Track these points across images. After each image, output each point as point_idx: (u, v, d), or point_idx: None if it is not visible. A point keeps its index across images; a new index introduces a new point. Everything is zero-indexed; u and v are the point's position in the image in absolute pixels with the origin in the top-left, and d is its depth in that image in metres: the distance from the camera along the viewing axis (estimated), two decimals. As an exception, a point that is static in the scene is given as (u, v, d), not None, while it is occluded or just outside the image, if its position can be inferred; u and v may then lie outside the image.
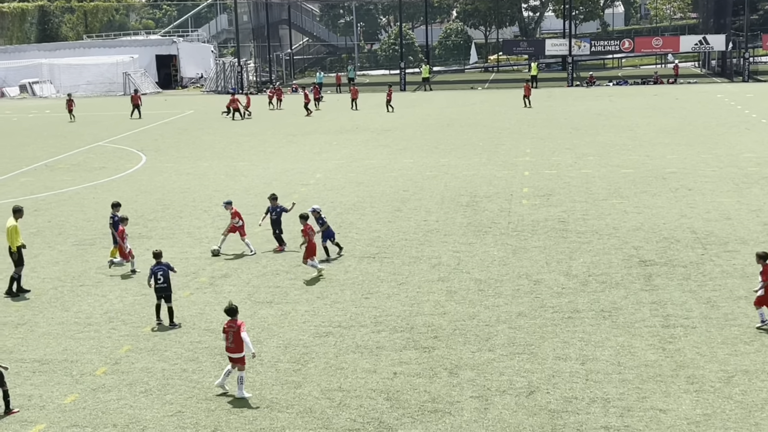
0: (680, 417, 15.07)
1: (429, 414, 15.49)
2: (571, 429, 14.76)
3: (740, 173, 35.26)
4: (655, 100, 63.48)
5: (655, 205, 30.45)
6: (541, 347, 18.36)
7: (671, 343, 18.29)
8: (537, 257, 24.79)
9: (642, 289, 21.80)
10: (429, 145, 46.03)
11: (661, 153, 40.71)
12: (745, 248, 24.71)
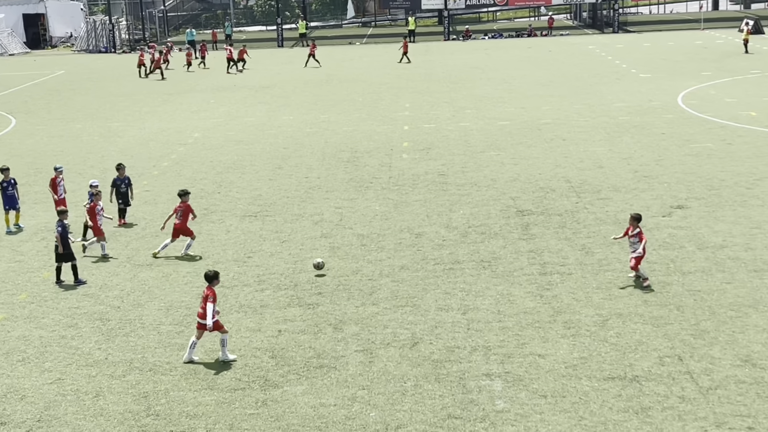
0: (558, 361, 15.49)
1: (314, 369, 15.54)
2: (454, 377, 15.03)
3: (611, 122, 36.16)
4: (530, 53, 64.42)
5: (530, 156, 31.01)
6: (424, 299, 18.59)
7: (548, 290, 18.74)
8: (418, 211, 25.01)
9: (520, 238, 22.23)
10: (308, 101, 45.81)
11: (535, 105, 41.40)
12: (617, 195, 25.43)
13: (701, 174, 27.40)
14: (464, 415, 13.79)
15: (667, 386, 14.41)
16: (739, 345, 15.78)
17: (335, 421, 13.81)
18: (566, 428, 13.29)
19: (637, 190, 25.99)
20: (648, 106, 39.47)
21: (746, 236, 21.53)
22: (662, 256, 20.44)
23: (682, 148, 31.00)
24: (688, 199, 24.78)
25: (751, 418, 13.31)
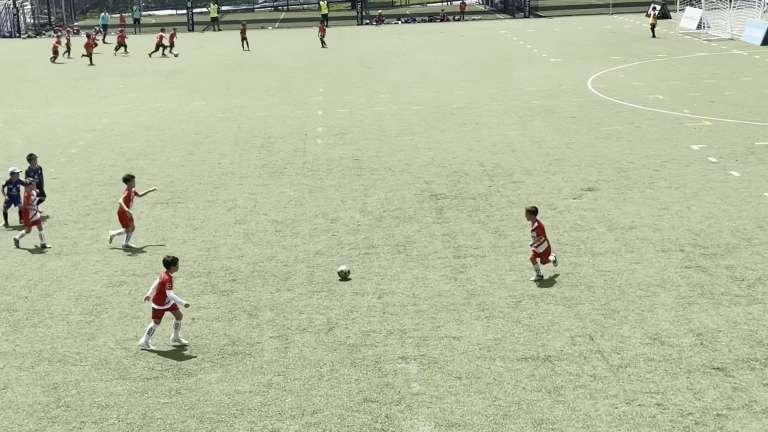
0: (473, 343, 15.65)
1: (229, 357, 15.45)
2: (370, 361, 15.08)
3: (523, 106, 36.58)
4: (442, 38, 64.70)
5: (444, 140, 31.21)
6: (339, 284, 18.60)
7: (463, 273, 18.91)
8: (333, 196, 24.99)
9: (434, 222, 22.38)
10: (220, 86, 45.37)
11: (448, 89, 41.65)
12: (529, 178, 25.75)
13: (610, 157, 27.89)
14: (380, 399, 13.85)
15: (579, 365, 14.67)
16: (648, 323, 16.14)
17: (251, 407, 13.74)
18: (481, 409, 13.44)
19: (549, 173, 26.35)
20: (558, 90, 40.02)
21: (654, 217, 22.00)
22: (573, 238, 20.78)
23: (591, 132, 31.51)
24: (598, 182, 25.21)
25: (659, 395, 13.62)
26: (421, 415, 13.33)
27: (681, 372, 14.30)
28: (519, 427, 12.92)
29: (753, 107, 34.26)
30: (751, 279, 17.92)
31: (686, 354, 14.91)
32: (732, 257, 19.15)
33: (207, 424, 13.34)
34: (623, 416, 13.06)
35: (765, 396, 13.43)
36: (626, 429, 12.74)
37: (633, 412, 13.17)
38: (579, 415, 13.16)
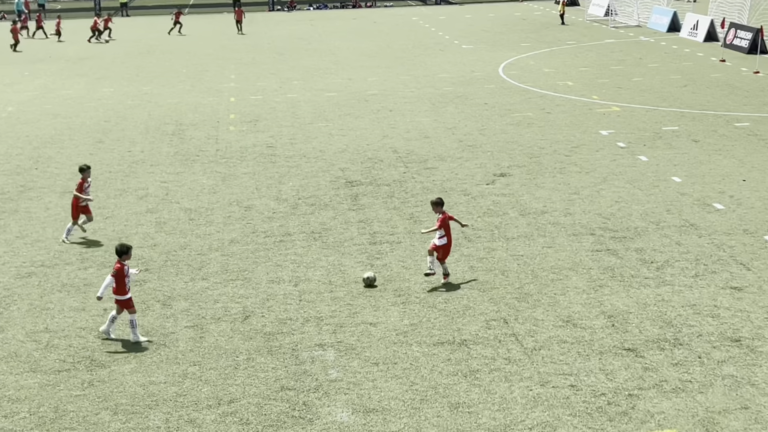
0: (389, 328, 15.72)
1: (143, 348, 15.25)
2: (287, 349, 15.04)
3: (436, 93, 36.78)
4: (355, 24, 64.66)
5: (358, 126, 31.23)
6: (255, 272, 18.50)
7: (379, 259, 18.96)
8: (247, 183, 24.82)
9: (349, 209, 22.38)
10: (129, 73, 44.63)
11: (362, 76, 41.66)
12: (443, 164, 25.92)
13: (522, 142, 28.22)
14: (298, 386, 13.84)
15: (494, 349, 14.85)
16: (561, 306, 16.41)
17: (166, 398, 13.60)
18: (398, 394, 13.53)
19: (462, 159, 26.56)
20: (471, 77, 40.32)
21: (565, 202, 22.35)
22: (487, 223, 20.99)
23: (503, 118, 31.84)
24: (511, 167, 25.50)
25: (573, 376, 13.87)
26: (338, 402, 13.36)
27: (593, 353, 14.58)
28: (436, 411, 13.04)
29: (660, 93, 34.99)
30: (660, 261, 18.34)
31: (598, 336, 15.20)
32: (641, 240, 19.56)
33: (121, 415, 13.17)
34: (538, 398, 13.28)
35: (674, 375, 13.78)
36: (541, 410, 12.95)
37: (547, 393, 13.39)
38: (494, 397, 13.34)
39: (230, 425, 12.88)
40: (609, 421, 12.63)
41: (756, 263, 18.05)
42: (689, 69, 40.11)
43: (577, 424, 12.59)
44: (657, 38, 50.72)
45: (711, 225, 20.30)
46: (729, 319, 15.63)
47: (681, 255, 18.63)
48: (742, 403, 12.96)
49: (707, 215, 20.94)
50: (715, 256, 18.48)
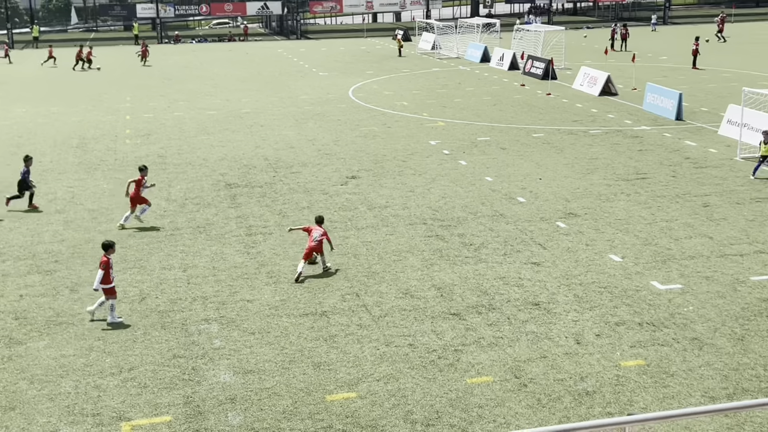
0: (263, 304, 15.56)
1: (54, 327, 14.64)
2: (178, 324, 14.70)
3: (299, 111, 36.55)
4: (230, 55, 63.47)
5: (235, 139, 30.74)
6: (149, 261, 18.00)
7: (254, 248, 18.73)
8: (141, 187, 24.08)
9: (229, 206, 22.03)
10: (40, 96, 42.61)
11: (237, 97, 41.01)
12: (305, 169, 25.78)
13: (369, 151, 28.36)
14: (187, 354, 13.55)
15: (348, 317, 14.90)
16: (401, 281, 16.58)
17: (75, 368, 13.10)
18: (271, 357, 13.41)
19: (321, 165, 26.50)
20: (326, 98, 40.23)
21: (403, 198, 22.58)
22: (342, 216, 21.01)
23: (353, 131, 31.91)
24: (360, 171, 25.59)
25: (411, 337, 14.05)
26: (221, 366, 13.14)
27: (426, 318, 14.79)
28: (302, 369, 12.98)
29: (475, 111, 35.75)
30: (477, 244, 18.75)
31: (430, 304, 15.43)
32: (462, 227, 19.95)
33: (37, 384, 12.62)
34: (383, 355, 13.38)
35: (489, 333, 14.12)
36: (386, 365, 13.06)
37: (391, 351, 13.52)
38: (349, 357, 13.37)
39: (131, 388, 12.50)
40: (439, 372, 12.84)
41: (550, 243, 18.66)
42: (497, 92, 41.11)
43: (414, 375, 12.75)
44: (472, 67, 51.79)
45: (516, 214, 20.87)
46: (530, 288, 16.12)
47: (493, 238, 19.09)
48: (542, 354, 13.39)
49: (513, 207, 21.52)
50: (519, 239, 19.02)
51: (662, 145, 28.08)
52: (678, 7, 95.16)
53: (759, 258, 17.36)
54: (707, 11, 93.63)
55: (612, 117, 33.29)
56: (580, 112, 34.53)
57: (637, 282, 16.24)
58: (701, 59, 47.68)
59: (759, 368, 12.72)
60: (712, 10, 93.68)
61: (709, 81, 42.16)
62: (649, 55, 54.05)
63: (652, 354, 13.25)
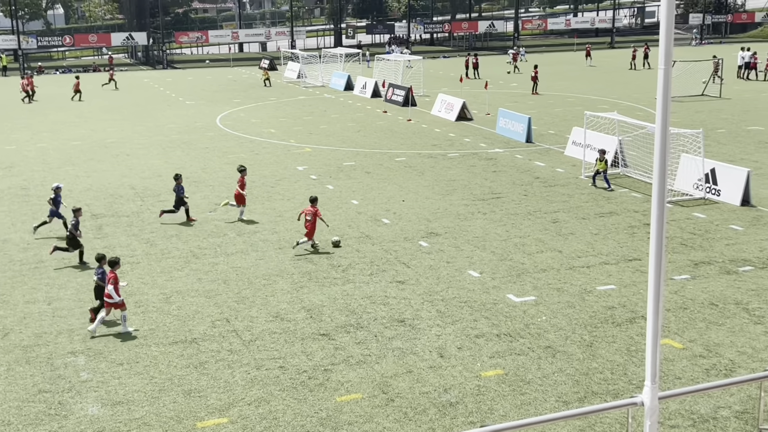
0: (131, 334, 15.01)
1: None
2: (43, 358, 13.98)
3: (166, 140, 35.73)
4: (95, 85, 61.45)
5: (101, 169, 29.70)
6: (12, 295, 17.07)
7: (121, 278, 18.03)
8: (4, 220, 22.89)
9: (95, 237, 21.21)
10: None
11: (102, 127, 39.68)
12: (173, 197, 25.08)
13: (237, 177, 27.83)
14: (53, 389, 12.89)
15: (219, 343, 14.58)
16: (271, 305, 16.39)
17: (-68, 411, 12.21)
18: (140, 387, 12.94)
19: (189, 191, 25.87)
20: (194, 127, 39.52)
21: (272, 223, 22.39)
22: (211, 243, 20.61)
23: (221, 159, 31.45)
24: (229, 197, 25.15)
25: (281, 359, 13.88)
26: (89, 398, 12.58)
27: (297, 340, 14.67)
28: (172, 398, 12.59)
29: (340, 137, 35.97)
30: (345, 265, 18.78)
31: (300, 326, 15.32)
32: (331, 250, 19.94)
33: None
34: (254, 379, 13.16)
35: (358, 351, 14.14)
36: (257, 389, 12.84)
37: (262, 375, 13.31)
38: (220, 382, 13.08)
39: (-7, 428, 11.77)
40: (310, 392, 12.74)
41: (414, 262, 18.92)
42: (361, 118, 41.53)
43: (285, 397, 12.60)
44: (337, 95, 52.16)
45: (381, 235, 21.06)
46: (396, 306, 16.27)
47: (360, 259, 19.18)
48: (407, 369, 13.51)
49: (378, 228, 21.71)
50: (384, 259, 19.19)
51: (514, 166, 29.07)
52: (525, 37, 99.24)
53: (604, 269, 18.19)
54: (552, 41, 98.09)
55: (468, 141, 34.23)
56: (439, 137, 35.33)
57: (494, 295, 16.68)
58: (541, 85, 49.79)
59: (606, 372, 13.27)
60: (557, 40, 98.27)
61: (555, 105, 44.08)
62: (500, 82, 56.03)
63: (509, 363, 13.61)
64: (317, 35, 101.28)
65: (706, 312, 15.64)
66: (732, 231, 20.79)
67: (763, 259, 18.64)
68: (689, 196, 24.16)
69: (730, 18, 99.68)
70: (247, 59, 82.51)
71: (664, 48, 5.87)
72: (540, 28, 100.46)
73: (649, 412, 6.29)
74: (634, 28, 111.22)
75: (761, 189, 24.62)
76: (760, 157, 29.42)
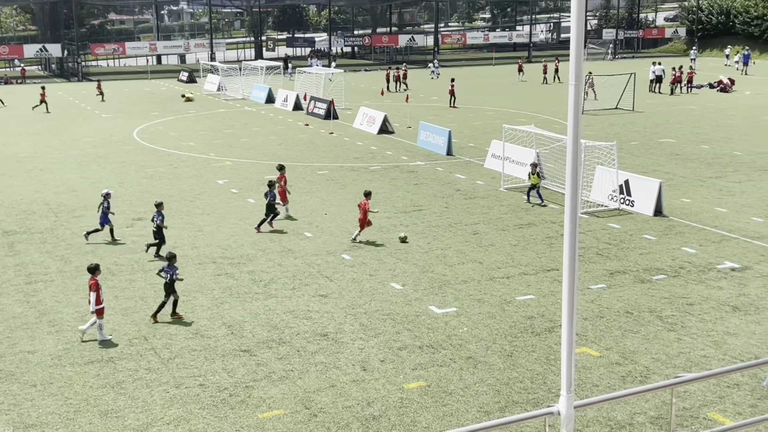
0: (45, 354, 14.57)
1: None
2: (-50, 383, 13.42)
3: (81, 154, 34.85)
4: (7, 98, 59.53)
5: (12, 184, 28.76)
6: None
7: (34, 296, 17.54)
8: None
9: (6, 255, 20.51)
10: None
11: (15, 142, 38.45)
12: (89, 212, 24.51)
13: (155, 192, 27.48)
14: (-40, 414, 12.38)
15: (136, 362, 14.26)
16: (191, 322, 16.10)
17: None
18: (54, 409, 12.54)
19: (105, 207, 25.34)
20: (110, 140, 38.67)
21: (192, 238, 22.06)
22: (128, 259, 20.18)
23: (139, 173, 30.86)
24: (146, 212, 24.67)
25: (201, 377, 13.66)
26: (0, 422, 12.11)
27: (217, 357, 14.47)
28: (88, 419, 12.25)
29: (261, 150, 35.72)
30: (267, 280, 18.64)
31: (221, 342, 15.12)
32: (252, 264, 19.77)
33: None
34: (174, 398, 12.92)
35: (280, 367, 14.03)
36: (176, 408, 12.60)
37: (181, 393, 13.08)
38: (138, 402, 12.79)
39: None
40: (231, 410, 12.57)
41: (336, 276, 18.91)
42: (283, 131, 41.35)
43: (205, 416, 12.40)
44: (258, 108, 51.82)
45: (303, 249, 20.98)
46: (319, 320, 16.22)
47: (282, 273, 19.06)
48: (330, 383, 13.47)
49: (300, 242, 21.62)
50: (307, 273, 19.11)
51: (435, 178, 29.38)
52: (445, 51, 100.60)
53: (523, 279, 18.52)
54: (471, 55, 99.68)
55: (390, 154, 34.44)
56: (361, 150, 35.45)
57: (416, 308, 16.79)
58: (461, 99, 50.56)
59: (527, 381, 13.50)
60: (476, 54, 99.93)
61: (475, 119, 44.77)
62: (421, 96, 56.61)
63: (432, 375, 13.70)
64: (237, 48, 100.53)
65: (621, 320, 16.08)
66: (645, 240, 21.46)
67: (675, 267, 19.29)
68: (605, 207, 24.83)
69: (642, 33, 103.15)
70: (166, 71, 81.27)
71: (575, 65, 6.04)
72: (459, 43, 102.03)
73: (566, 421, 6.42)
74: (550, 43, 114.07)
75: (673, 199, 25.49)
76: (672, 169, 30.48)
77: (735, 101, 51.44)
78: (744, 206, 24.86)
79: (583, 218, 23.89)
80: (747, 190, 26.92)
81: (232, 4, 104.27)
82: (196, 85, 66.51)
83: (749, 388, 13.12)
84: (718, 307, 16.71)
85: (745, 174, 29.49)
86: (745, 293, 17.52)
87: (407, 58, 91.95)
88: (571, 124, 6.22)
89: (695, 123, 42.11)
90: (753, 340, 15.04)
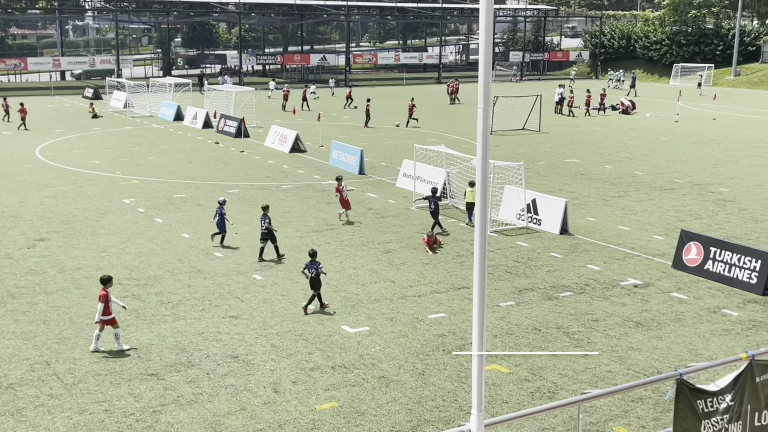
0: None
1: None
2: None
3: (-21, 172, 33.48)
4: None
5: None
6: None
7: (-74, 322, 16.68)
8: None
9: None
10: None
11: None
12: (-13, 234, 23.61)
13: (58, 211, 26.63)
14: None
15: (38, 388, 13.72)
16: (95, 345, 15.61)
17: None
18: (-52, 441, 11.93)
19: (5, 228, 24.40)
20: (11, 158, 37.30)
21: (97, 259, 21.44)
22: (29, 281, 19.44)
23: (41, 192, 29.85)
24: (49, 233, 23.92)
25: (107, 402, 13.24)
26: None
27: (123, 381, 14.06)
28: (-15, 450, 11.70)
29: (170, 168, 35.07)
30: (175, 301, 18.25)
31: (127, 366, 14.70)
32: (160, 285, 19.33)
33: None
34: (77, 425, 12.47)
35: (189, 391, 13.73)
36: (80, 435, 12.17)
37: (85, 420, 12.64)
38: (39, 430, 12.29)
39: None
40: (138, 435, 12.22)
41: (248, 296, 18.67)
42: (192, 149, 40.72)
43: (111, 442, 12.01)
44: (166, 125, 50.91)
45: (213, 269, 20.65)
46: (229, 341, 15.96)
47: (191, 294, 18.70)
48: (241, 406, 13.26)
49: (210, 262, 21.28)
50: (217, 293, 18.81)
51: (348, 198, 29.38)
52: (357, 70, 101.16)
53: (434, 297, 18.68)
54: (382, 75, 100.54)
55: (302, 173, 34.33)
56: (273, 168, 35.22)
57: (329, 327, 16.72)
58: (372, 119, 50.91)
59: (438, 399, 13.59)
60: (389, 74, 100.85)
61: (386, 138, 45.11)
62: (333, 115, 56.71)
63: (344, 395, 13.65)
64: (145, 64, 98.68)
65: (530, 337, 16.39)
66: (552, 258, 21.98)
67: (581, 284, 19.81)
68: (512, 226, 25.34)
69: (547, 56, 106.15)
70: (70, 87, 79.03)
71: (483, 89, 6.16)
72: (370, 63, 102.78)
73: (477, 438, 6.48)
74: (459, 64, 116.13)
75: (578, 218, 26.22)
76: (577, 188, 31.37)
77: (636, 123, 53.44)
78: (645, 224, 25.77)
79: (492, 236, 24.32)
80: (648, 209, 27.94)
81: (139, 20, 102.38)
82: (102, 102, 64.87)
83: (652, 401, 13.55)
84: (622, 323, 17.23)
85: (646, 193, 30.61)
86: (647, 309, 18.13)
87: (319, 77, 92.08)
88: (480, 145, 6.34)
89: (599, 144, 43.52)
90: (655, 355, 15.55)
